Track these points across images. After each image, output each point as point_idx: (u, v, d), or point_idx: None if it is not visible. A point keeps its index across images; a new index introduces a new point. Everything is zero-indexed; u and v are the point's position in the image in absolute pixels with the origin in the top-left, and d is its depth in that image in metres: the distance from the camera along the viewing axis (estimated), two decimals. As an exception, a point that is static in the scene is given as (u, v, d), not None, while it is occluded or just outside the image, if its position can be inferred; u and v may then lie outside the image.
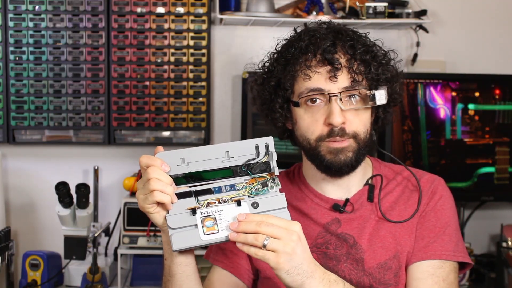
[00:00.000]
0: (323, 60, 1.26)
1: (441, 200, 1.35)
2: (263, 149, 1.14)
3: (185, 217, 1.10)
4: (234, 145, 1.13)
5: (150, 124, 2.29)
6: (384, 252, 1.31)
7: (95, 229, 2.24)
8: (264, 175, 1.14)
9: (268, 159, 1.14)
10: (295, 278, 1.07)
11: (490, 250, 2.49)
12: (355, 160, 1.29)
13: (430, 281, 1.27)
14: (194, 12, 2.27)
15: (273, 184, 1.14)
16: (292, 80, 1.30)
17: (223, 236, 1.08)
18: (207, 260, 1.44)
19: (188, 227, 1.09)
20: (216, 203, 1.12)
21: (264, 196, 1.13)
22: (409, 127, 2.23)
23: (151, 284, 2.18)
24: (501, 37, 2.48)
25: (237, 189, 1.13)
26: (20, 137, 2.28)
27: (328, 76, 1.25)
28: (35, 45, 2.24)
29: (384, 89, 1.28)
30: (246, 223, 1.07)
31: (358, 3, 2.28)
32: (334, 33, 1.29)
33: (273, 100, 1.34)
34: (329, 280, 1.12)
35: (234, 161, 1.13)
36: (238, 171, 1.14)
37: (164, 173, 1.09)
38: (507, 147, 2.27)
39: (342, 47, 1.27)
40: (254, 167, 1.14)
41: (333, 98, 1.25)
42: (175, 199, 1.11)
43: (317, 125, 1.27)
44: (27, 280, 2.12)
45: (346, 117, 1.26)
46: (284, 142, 2.16)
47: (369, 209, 1.35)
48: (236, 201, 1.12)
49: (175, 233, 1.09)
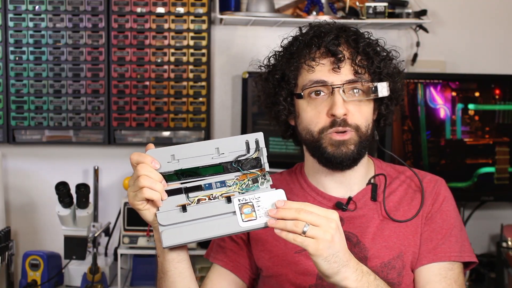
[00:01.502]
0: (326, 52, 1.28)
1: (445, 202, 1.36)
2: (253, 145, 1.13)
3: (175, 214, 1.10)
4: (224, 141, 1.13)
5: (150, 124, 2.29)
6: (388, 251, 1.31)
7: (95, 229, 2.24)
8: (255, 171, 1.14)
9: (259, 155, 1.14)
10: (332, 266, 1.08)
11: (490, 250, 2.49)
12: (356, 153, 1.30)
13: (444, 283, 1.29)
14: (194, 12, 2.27)
15: (264, 180, 1.14)
16: (296, 73, 1.32)
17: (261, 223, 1.08)
18: (207, 259, 1.44)
19: (178, 223, 1.09)
20: (207, 199, 1.12)
21: (255, 192, 1.13)
22: (409, 127, 2.23)
23: (151, 284, 2.18)
24: (501, 37, 2.48)
25: (227, 185, 1.13)
26: (20, 137, 2.28)
27: (332, 68, 1.27)
28: (35, 45, 2.24)
29: (386, 83, 1.31)
30: (285, 210, 1.08)
31: (358, 3, 2.28)
32: (338, 28, 1.32)
33: (277, 93, 1.36)
34: (362, 270, 1.14)
35: (225, 157, 1.13)
36: (229, 168, 1.14)
37: (154, 170, 1.09)
38: (507, 147, 2.27)
39: (345, 40, 1.30)
40: (244, 163, 1.14)
41: (336, 89, 1.27)
42: (165, 196, 1.11)
43: (320, 116, 1.29)
44: (27, 280, 2.12)
45: (348, 109, 1.27)
46: (284, 142, 2.17)
47: (372, 208, 1.36)
48: (226, 198, 1.12)
49: (165, 230, 1.09)
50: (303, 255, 1.34)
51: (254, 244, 1.39)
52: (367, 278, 1.14)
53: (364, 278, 1.13)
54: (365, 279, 1.13)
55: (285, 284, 1.34)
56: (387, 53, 1.35)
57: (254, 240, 1.40)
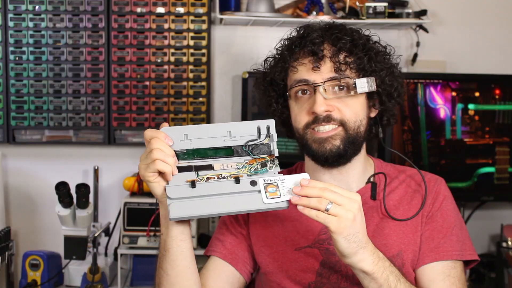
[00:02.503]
0: (308, 52, 1.30)
1: (445, 201, 1.37)
2: (265, 131, 1.17)
3: (184, 188, 1.12)
4: (236, 125, 1.16)
5: (150, 124, 2.29)
6: (387, 249, 1.32)
7: (95, 229, 2.24)
8: (264, 156, 1.17)
9: (269, 141, 1.17)
10: (351, 245, 1.11)
11: (490, 250, 2.49)
12: (343, 149, 1.31)
13: (448, 282, 1.30)
14: (194, 12, 2.27)
15: (272, 165, 1.17)
16: (284, 74, 1.36)
17: (285, 200, 1.11)
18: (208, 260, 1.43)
19: (186, 198, 1.12)
20: (216, 178, 1.14)
21: (263, 175, 1.15)
22: (409, 127, 2.23)
23: (151, 284, 2.18)
24: (501, 37, 2.48)
25: (237, 168, 1.16)
26: (20, 137, 2.28)
27: (312, 67, 1.30)
28: (35, 45, 2.24)
29: (368, 79, 1.30)
30: (310, 188, 1.10)
31: (358, 3, 2.28)
32: (322, 27, 1.34)
33: (269, 95, 1.40)
34: (378, 255, 1.16)
35: (236, 140, 1.16)
36: (239, 151, 1.16)
37: (166, 145, 1.13)
38: (507, 147, 2.27)
39: (328, 38, 1.31)
40: (254, 147, 1.17)
41: (317, 88, 1.29)
42: (176, 171, 1.13)
43: (303, 114, 1.32)
44: (27, 280, 2.12)
45: (333, 105, 1.29)
46: (284, 142, 2.18)
47: (372, 206, 1.37)
48: (235, 178, 1.14)
49: (173, 202, 1.11)
50: (303, 252, 1.34)
51: (254, 240, 1.40)
52: (383, 263, 1.16)
53: (380, 263, 1.15)
54: (381, 263, 1.15)
55: (285, 281, 1.34)
56: (376, 49, 1.35)
57: (255, 235, 1.40)
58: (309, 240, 1.35)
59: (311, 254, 1.33)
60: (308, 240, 1.35)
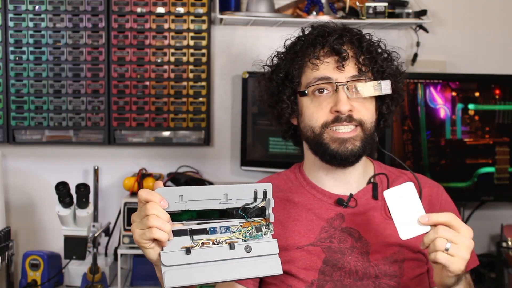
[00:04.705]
0: (331, 51, 1.31)
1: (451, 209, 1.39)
2: (261, 194, 1.14)
3: (180, 255, 1.10)
4: (233, 188, 1.14)
5: (150, 124, 2.29)
6: (389, 247, 1.33)
7: (95, 229, 2.24)
8: (259, 219, 1.16)
9: (265, 205, 1.15)
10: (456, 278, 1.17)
11: (490, 250, 2.49)
12: (362, 150, 1.33)
13: None
14: (194, 12, 2.27)
15: (267, 230, 1.15)
16: (300, 71, 1.35)
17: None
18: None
19: (181, 265, 1.09)
20: (211, 243, 1.12)
21: (258, 241, 1.14)
22: (409, 127, 2.23)
23: (151, 284, 2.18)
24: (501, 37, 2.48)
25: (231, 231, 1.14)
26: (20, 137, 2.28)
27: (336, 66, 1.30)
28: (35, 45, 2.24)
29: (389, 81, 1.33)
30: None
31: (358, 3, 2.28)
32: (341, 28, 1.35)
33: (281, 91, 1.38)
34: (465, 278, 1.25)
35: (232, 203, 1.14)
36: (234, 213, 1.15)
37: (163, 210, 1.08)
38: (507, 147, 2.27)
39: (349, 39, 1.33)
40: (250, 211, 1.15)
41: (340, 87, 1.29)
42: (172, 237, 1.10)
43: (322, 112, 1.31)
44: (27, 280, 2.12)
45: (353, 105, 1.30)
46: (284, 142, 2.17)
47: (374, 206, 1.38)
48: (229, 244, 1.12)
49: (168, 270, 1.09)
50: (305, 250, 1.34)
51: None
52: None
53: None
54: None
55: (288, 279, 1.35)
56: (388, 54, 1.39)
57: None
58: (311, 238, 1.35)
59: (313, 252, 1.34)
60: (310, 239, 1.35)
